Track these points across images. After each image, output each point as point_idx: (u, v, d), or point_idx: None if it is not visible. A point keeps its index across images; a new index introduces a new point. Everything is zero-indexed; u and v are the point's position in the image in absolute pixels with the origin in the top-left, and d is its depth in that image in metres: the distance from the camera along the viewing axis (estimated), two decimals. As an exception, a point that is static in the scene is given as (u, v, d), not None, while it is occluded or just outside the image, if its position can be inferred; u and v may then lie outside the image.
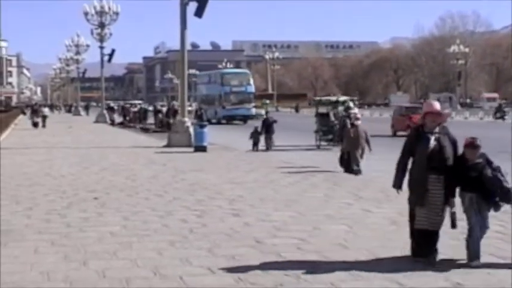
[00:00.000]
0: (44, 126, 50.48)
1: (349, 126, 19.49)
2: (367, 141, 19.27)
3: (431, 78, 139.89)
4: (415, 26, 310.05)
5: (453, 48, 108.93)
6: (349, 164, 19.24)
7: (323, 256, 8.76)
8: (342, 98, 33.09)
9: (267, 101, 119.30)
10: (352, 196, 14.22)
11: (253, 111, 62.74)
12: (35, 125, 50.54)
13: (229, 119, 60.82)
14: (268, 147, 29.47)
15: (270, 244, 9.50)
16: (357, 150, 19.09)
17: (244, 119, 60.66)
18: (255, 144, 29.38)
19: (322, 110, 33.21)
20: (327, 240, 9.70)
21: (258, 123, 32.40)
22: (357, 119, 19.42)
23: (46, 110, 56.15)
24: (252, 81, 66.66)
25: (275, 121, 30.89)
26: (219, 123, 58.72)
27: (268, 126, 30.30)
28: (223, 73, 69.42)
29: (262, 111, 68.72)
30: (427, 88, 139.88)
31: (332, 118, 30.64)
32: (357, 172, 18.85)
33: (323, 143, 30.55)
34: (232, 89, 63.48)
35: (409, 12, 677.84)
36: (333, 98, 34.22)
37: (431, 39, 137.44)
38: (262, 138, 29.85)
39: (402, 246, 8.89)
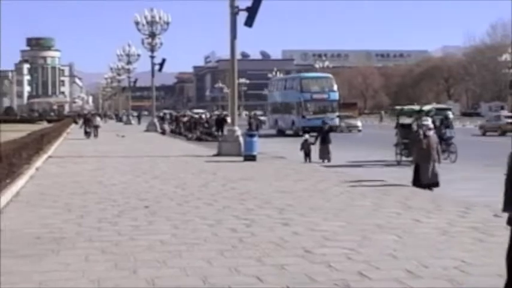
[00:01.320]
0: (96, 136, 49.84)
1: (421, 137, 18.25)
2: (438, 153, 18.22)
3: (482, 87, 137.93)
4: (465, 34, 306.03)
5: (505, 56, 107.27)
6: (418, 177, 18.04)
7: (372, 266, 8.71)
8: (427, 107, 30.18)
9: None
10: (401, 206, 14.11)
11: (337, 121, 55.98)
12: (87, 134, 50.06)
13: (309, 130, 52.01)
14: (325, 158, 27.78)
15: (319, 254, 9.48)
16: (429, 162, 17.85)
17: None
18: (307, 155, 28.12)
19: (405, 120, 30.32)
20: (377, 250, 9.65)
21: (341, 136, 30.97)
22: (429, 129, 18.34)
23: (98, 120, 55.39)
24: (335, 87, 59.31)
25: (332, 129, 29.53)
26: (296, 135, 51.22)
27: (324, 136, 28.57)
28: (302, 77, 61.64)
29: (359, 123, 65.61)
30: (478, 97, 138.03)
31: (415, 129, 27.26)
32: (433, 185, 17.64)
33: (404, 158, 27.26)
34: (312, 96, 56.79)
35: (460, 20, 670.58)
36: (416, 107, 30.57)
37: (482, 48, 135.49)
38: (313, 149, 28.49)
39: (452, 256, 8.78)
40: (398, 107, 33.88)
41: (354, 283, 7.91)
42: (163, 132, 58.05)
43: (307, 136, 29.42)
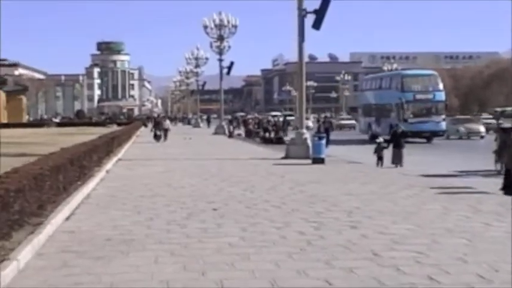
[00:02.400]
0: (165, 139, 49.22)
1: None
2: None
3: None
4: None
5: None
6: (510, 183, 16.94)
7: (442, 270, 8.63)
8: None
9: None
10: (471, 209, 13.92)
11: (443, 125, 49.09)
12: (157, 138, 49.35)
13: (412, 136, 44.29)
14: (397, 163, 26.58)
15: (387, 257, 9.44)
16: None
17: (431, 136, 48.30)
18: (380, 159, 27.15)
19: (508, 123, 26.95)
20: (446, 254, 9.55)
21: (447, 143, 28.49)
22: None
23: (168, 123, 54.63)
24: (441, 86, 51.41)
25: (404, 133, 28.32)
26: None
27: (397, 140, 27.48)
28: (404, 75, 52.96)
29: (481, 128, 54.27)
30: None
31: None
32: None
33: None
34: (416, 96, 48.95)
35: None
36: None
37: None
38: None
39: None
40: (498, 109, 30.14)
41: (422, 287, 7.85)
42: (230, 135, 58.31)
43: (380, 139, 28.52)
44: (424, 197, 15.99)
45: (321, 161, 27.02)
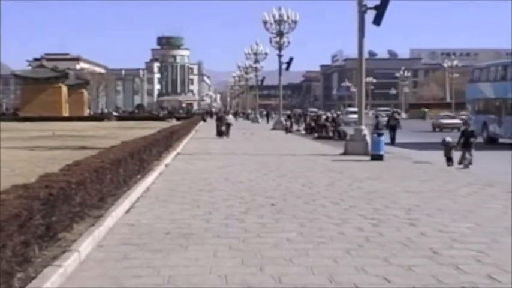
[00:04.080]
0: (227, 135, 47.57)
1: None
2: None
3: None
4: None
5: None
6: None
7: (502, 269, 8.50)
8: None
9: (426, 109, 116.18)
10: (536, 209, 13.65)
11: None
12: (220, 134, 47.65)
13: None
14: (466, 163, 24.74)
15: (447, 255, 9.34)
16: None
17: None
18: (449, 159, 25.24)
19: None
20: (507, 253, 9.39)
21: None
22: None
23: (231, 118, 53.15)
24: None
25: (473, 134, 26.11)
26: None
27: (466, 139, 25.56)
28: None
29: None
30: None
31: None
32: None
33: None
34: None
35: None
36: None
37: None
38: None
39: None
40: None
41: (483, 286, 7.76)
42: (288, 131, 58.21)
43: (448, 139, 26.23)
44: (484, 196, 15.75)
45: (379, 157, 26.83)
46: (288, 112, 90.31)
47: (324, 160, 27.22)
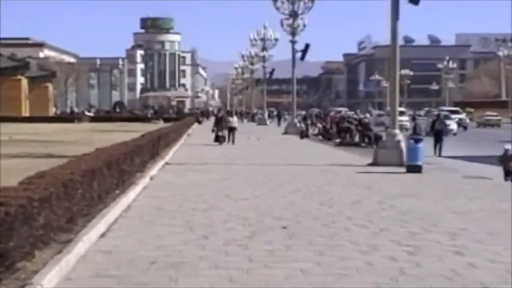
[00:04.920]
0: (233, 141, 47.00)
1: None
2: None
3: None
4: None
5: None
6: None
7: None
8: None
9: (471, 110, 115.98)
10: None
11: None
12: (219, 140, 46.71)
13: None
14: None
15: (501, 292, 9.33)
16: None
17: None
18: (508, 173, 25.17)
19: None
20: None
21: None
22: None
23: (235, 120, 50.97)
24: None
25: None
26: None
27: None
28: None
29: None
30: None
31: None
32: None
33: None
34: None
35: None
36: None
37: None
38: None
39: None
40: None
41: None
42: (303, 135, 58.13)
43: (508, 146, 26.18)
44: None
45: (417, 169, 26.81)
46: (304, 112, 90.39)
47: (348, 172, 27.22)
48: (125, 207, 16.82)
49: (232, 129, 48.00)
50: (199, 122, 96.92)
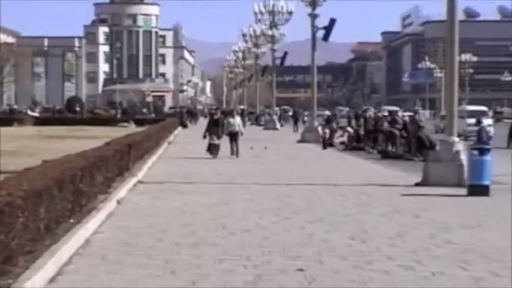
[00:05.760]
0: (237, 153, 46.51)
1: None
2: None
3: None
4: None
5: None
6: None
7: None
8: None
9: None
10: None
11: None
12: (213, 149, 45.66)
13: None
14: None
15: None
16: None
17: None
18: None
19: None
20: None
21: None
22: None
23: (237, 122, 49.22)
24: None
25: None
26: None
27: None
28: None
29: None
30: None
31: None
32: None
33: None
34: None
35: None
36: None
37: None
38: None
39: None
40: None
41: None
42: (325, 143, 57.93)
43: None
44: None
45: (483, 190, 26.71)
46: (327, 112, 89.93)
47: (389, 194, 27.26)
48: (82, 242, 16.83)
49: (234, 136, 47.01)
50: (185, 126, 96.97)
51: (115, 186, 26.20)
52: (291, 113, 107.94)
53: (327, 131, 62.38)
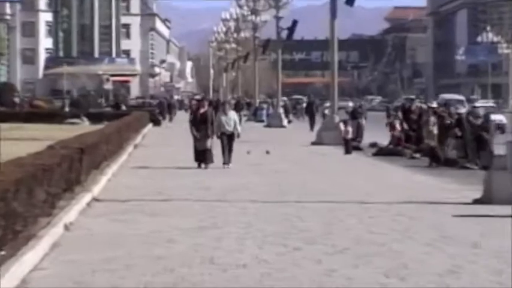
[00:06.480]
0: (228, 159, 45.47)
1: None
2: None
3: None
4: None
5: None
6: None
7: None
8: None
9: None
10: None
11: None
12: (202, 157, 45.01)
13: None
14: None
15: None
16: None
17: None
18: None
19: None
20: None
21: None
22: None
23: (231, 117, 47.18)
24: None
25: None
26: None
27: None
28: None
29: None
30: None
31: None
32: None
33: None
34: None
35: None
36: None
37: None
38: None
39: None
40: None
41: None
42: (348, 147, 57.77)
43: None
44: None
45: None
46: (350, 104, 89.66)
47: (436, 215, 27.38)
48: (17, 283, 16.86)
49: (227, 138, 46.26)
50: (157, 122, 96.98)
51: (62, 205, 26.24)
52: (304, 105, 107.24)
53: (350, 129, 61.87)
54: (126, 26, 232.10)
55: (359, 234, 23.58)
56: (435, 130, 51.76)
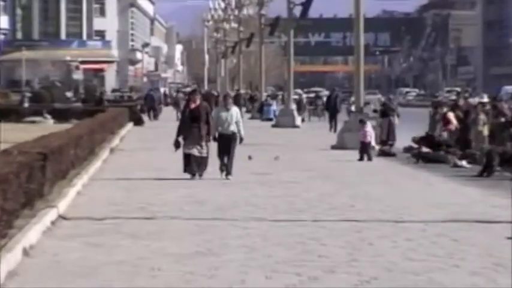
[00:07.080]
0: (229, 169, 44.96)
1: None
2: None
3: None
4: None
5: None
6: None
7: None
8: None
9: None
10: None
11: None
12: (191, 166, 44.19)
13: None
14: None
15: None
16: None
17: None
18: None
19: None
20: None
21: None
22: None
23: (234, 118, 46.11)
24: None
25: None
26: None
27: None
28: None
29: None
30: None
31: None
32: None
33: None
34: None
35: None
36: None
37: None
38: None
39: None
40: None
41: None
42: (365, 150, 57.40)
43: None
44: None
45: None
46: (379, 97, 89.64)
47: (487, 236, 27.40)
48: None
49: (227, 141, 45.88)
50: (139, 122, 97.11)
51: (20, 225, 26.23)
52: (325, 98, 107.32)
53: (368, 130, 60.96)
54: (100, 1, 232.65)
55: (392, 260, 23.58)
56: (486, 131, 51.84)
